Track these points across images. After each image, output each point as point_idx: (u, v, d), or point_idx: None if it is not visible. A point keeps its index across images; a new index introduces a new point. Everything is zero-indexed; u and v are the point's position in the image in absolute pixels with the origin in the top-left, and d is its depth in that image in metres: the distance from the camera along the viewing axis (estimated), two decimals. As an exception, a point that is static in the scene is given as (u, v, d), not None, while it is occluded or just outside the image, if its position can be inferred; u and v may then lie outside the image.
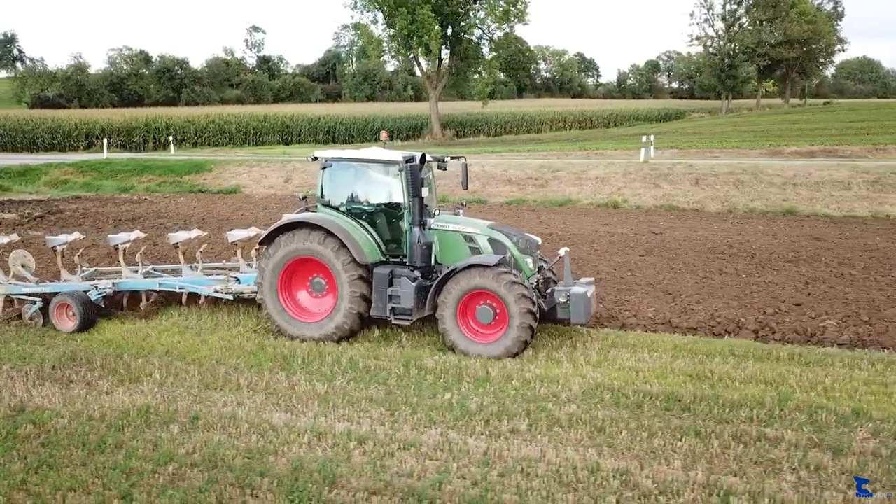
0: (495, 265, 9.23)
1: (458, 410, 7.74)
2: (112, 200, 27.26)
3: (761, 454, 6.73)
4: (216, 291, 11.45)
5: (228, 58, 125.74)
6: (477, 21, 51.23)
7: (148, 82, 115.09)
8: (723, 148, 34.81)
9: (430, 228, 10.17)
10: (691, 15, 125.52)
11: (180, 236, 12.86)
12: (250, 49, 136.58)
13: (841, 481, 6.27)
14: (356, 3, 52.25)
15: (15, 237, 13.15)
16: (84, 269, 12.56)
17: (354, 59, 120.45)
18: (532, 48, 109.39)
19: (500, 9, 50.41)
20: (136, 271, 11.99)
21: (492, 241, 10.02)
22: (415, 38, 48.68)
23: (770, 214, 21.48)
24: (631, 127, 69.29)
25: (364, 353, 9.63)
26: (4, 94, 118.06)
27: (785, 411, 7.60)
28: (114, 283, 11.62)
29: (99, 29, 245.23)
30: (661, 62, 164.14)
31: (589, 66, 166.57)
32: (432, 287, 9.66)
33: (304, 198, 11.19)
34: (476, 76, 56.70)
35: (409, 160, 9.86)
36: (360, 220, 10.30)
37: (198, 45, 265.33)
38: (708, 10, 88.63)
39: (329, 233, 9.80)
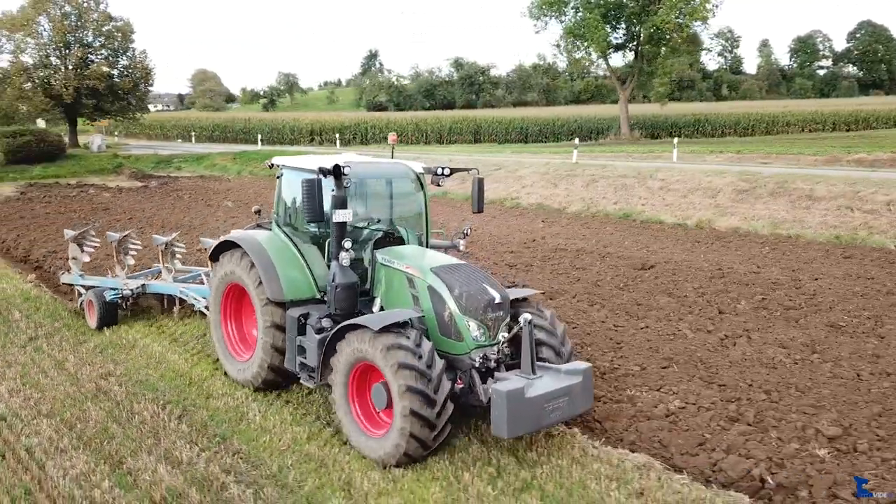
0: (380, 330, 6.52)
1: None
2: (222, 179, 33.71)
3: None
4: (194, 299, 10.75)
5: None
6: (660, 20, 47.63)
7: (454, 88, 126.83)
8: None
9: (380, 263, 7.75)
10: None
11: (207, 242, 11.89)
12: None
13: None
14: (531, 11, 52.82)
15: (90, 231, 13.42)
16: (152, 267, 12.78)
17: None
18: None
19: (683, 6, 46.81)
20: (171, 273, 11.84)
21: (431, 289, 7.17)
22: (584, 41, 47.95)
23: None
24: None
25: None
26: (351, 99, 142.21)
27: None
28: (142, 285, 11.54)
29: (436, 42, 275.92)
30: None
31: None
32: (325, 344, 7.24)
33: (258, 211, 9.94)
34: (656, 79, 52.84)
35: (324, 170, 7.51)
36: (307, 245, 8.29)
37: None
38: None
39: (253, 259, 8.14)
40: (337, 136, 53.63)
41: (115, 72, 51.56)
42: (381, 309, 7.61)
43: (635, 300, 12.17)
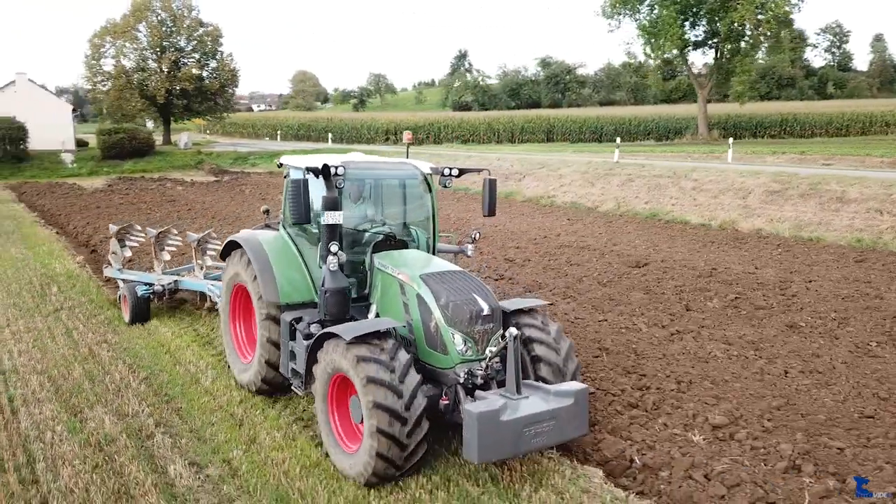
0: (352, 340, 6.13)
1: None
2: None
3: None
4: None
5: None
6: (739, 16, 45.68)
7: (540, 87, 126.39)
8: None
9: (377, 268, 7.40)
10: None
11: (191, 237, 12.24)
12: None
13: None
14: (604, 10, 51.86)
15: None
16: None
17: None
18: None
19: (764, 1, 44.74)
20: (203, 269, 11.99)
21: (419, 297, 6.74)
22: (658, 38, 46.60)
23: None
24: None
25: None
26: (438, 99, 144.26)
27: None
28: (174, 281, 11.76)
29: (526, 42, 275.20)
30: None
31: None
32: (308, 351, 6.89)
33: (267, 211, 9.79)
34: (735, 77, 50.64)
35: (312, 170, 7.22)
36: (311, 247, 7.96)
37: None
38: None
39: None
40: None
41: (205, 73, 55.08)
42: (377, 316, 7.23)
43: (609, 295, 12.45)
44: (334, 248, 7.08)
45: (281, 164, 8.64)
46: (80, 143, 50.49)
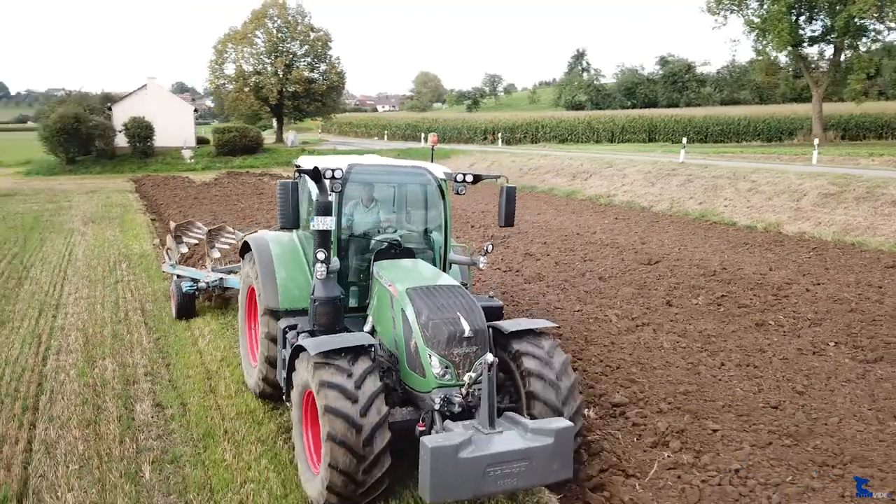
0: (319, 356, 5.72)
1: None
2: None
3: None
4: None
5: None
6: (857, 9, 42.36)
7: (657, 86, 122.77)
8: None
9: (374, 277, 7.07)
10: None
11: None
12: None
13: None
14: (709, 6, 49.58)
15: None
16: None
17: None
18: None
19: None
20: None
21: (402, 312, 6.32)
22: (767, 34, 44.10)
23: None
24: None
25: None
26: (551, 99, 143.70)
27: None
28: (220, 279, 11.94)
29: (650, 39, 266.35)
30: None
31: None
32: (287, 361, 6.51)
33: None
34: (852, 75, 46.84)
35: (303, 172, 6.91)
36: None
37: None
38: None
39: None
40: (499, 135, 55.81)
41: (316, 76, 58.54)
42: (373, 328, 6.84)
43: (601, 289, 12.92)
44: (321, 255, 6.64)
45: (298, 167, 7.99)
46: (202, 141, 55.24)
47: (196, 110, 56.60)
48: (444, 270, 7.66)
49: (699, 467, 6.54)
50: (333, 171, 6.65)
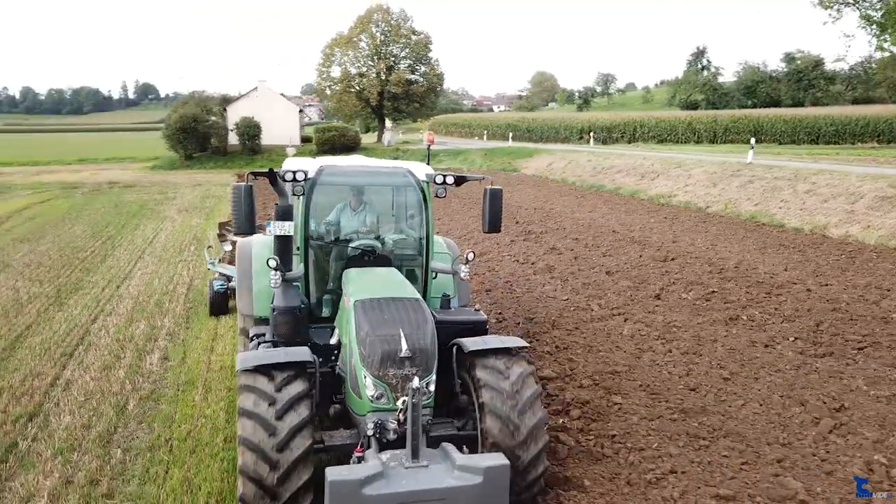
0: (244, 373, 5.37)
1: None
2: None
3: None
4: None
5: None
6: None
7: (780, 84, 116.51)
8: None
9: (342, 285, 6.75)
10: None
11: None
12: None
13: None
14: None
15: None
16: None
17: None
18: None
19: None
20: None
21: (349, 327, 5.93)
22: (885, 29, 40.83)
23: None
24: None
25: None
26: (665, 98, 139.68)
27: None
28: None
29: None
30: None
31: None
32: None
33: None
34: None
35: (257, 175, 6.56)
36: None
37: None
38: None
39: None
40: (591, 135, 55.42)
41: (418, 78, 60.69)
42: (339, 340, 6.38)
43: (599, 282, 13.48)
44: (273, 262, 6.30)
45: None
46: (306, 139, 58.76)
47: (302, 111, 60.22)
48: (426, 280, 7.23)
49: (584, 431, 7.28)
50: (294, 173, 6.40)
